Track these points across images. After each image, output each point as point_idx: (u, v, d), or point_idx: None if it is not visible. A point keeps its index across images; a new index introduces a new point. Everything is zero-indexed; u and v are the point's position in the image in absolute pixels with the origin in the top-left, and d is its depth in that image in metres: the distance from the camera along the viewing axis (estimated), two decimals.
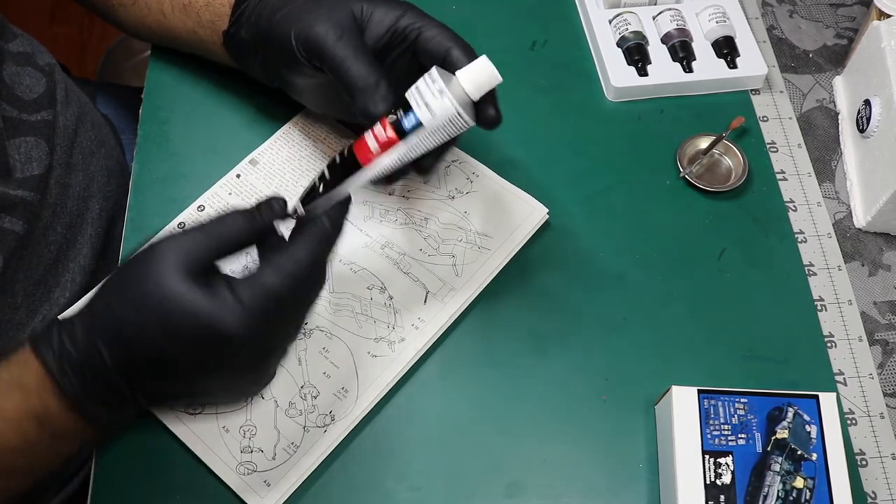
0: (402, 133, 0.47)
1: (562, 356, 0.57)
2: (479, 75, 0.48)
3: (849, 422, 0.55)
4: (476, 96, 0.48)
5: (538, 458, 0.53)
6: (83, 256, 0.63)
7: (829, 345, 0.58)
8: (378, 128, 0.47)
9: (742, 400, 0.49)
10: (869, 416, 0.55)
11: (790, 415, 0.48)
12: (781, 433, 0.48)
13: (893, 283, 0.61)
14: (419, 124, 0.47)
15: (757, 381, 0.56)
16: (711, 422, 0.48)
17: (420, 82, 0.47)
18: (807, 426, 0.48)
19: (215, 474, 0.51)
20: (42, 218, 0.60)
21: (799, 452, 0.47)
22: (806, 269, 0.61)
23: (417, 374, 0.56)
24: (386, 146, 0.47)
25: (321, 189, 0.49)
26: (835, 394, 0.49)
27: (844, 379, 0.57)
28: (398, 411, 0.55)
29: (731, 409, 0.49)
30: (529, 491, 0.52)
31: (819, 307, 0.59)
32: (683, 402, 0.49)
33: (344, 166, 0.48)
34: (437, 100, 0.46)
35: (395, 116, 0.47)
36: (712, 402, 0.49)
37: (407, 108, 0.47)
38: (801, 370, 0.57)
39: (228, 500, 0.51)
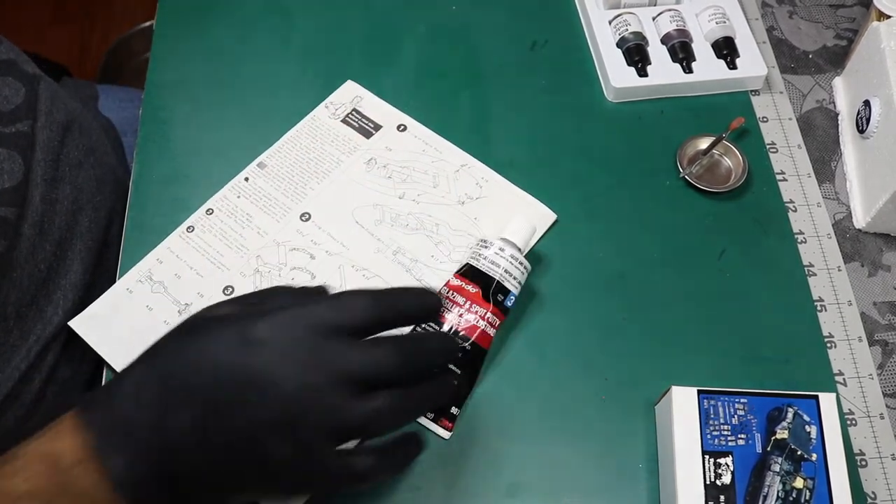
0: (506, 311, 0.55)
1: (562, 356, 0.57)
2: (520, 231, 0.57)
3: (849, 422, 0.55)
4: (524, 245, 0.57)
5: (538, 458, 0.53)
6: (73, 273, 0.61)
7: (828, 345, 0.58)
8: (490, 316, 0.54)
9: (742, 400, 0.49)
10: (869, 416, 0.55)
11: (790, 415, 0.48)
12: (781, 433, 0.48)
13: (893, 284, 0.61)
14: (514, 295, 0.56)
15: (757, 382, 0.56)
16: (711, 422, 0.48)
17: (493, 256, 0.55)
18: (806, 426, 0.48)
19: None
20: (27, 237, 0.58)
21: (799, 453, 0.47)
22: (806, 269, 0.61)
23: None
24: (498, 326, 0.55)
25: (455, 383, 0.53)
26: (834, 394, 0.49)
27: (844, 379, 0.57)
28: None
29: (731, 410, 0.49)
30: (529, 491, 0.52)
31: (819, 308, 0.59)
32: (683, 403, 0.49)
33: (472, 355, 0.54)
34: (519, 271, 0.56)
35: (497, 299, 0.55)
36: (712, 402, 0.49)
37: (500, 289, 0.55)
38: (801, 370, 0.57)
39: None
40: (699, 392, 0.49)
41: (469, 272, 0.55)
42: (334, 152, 0.64)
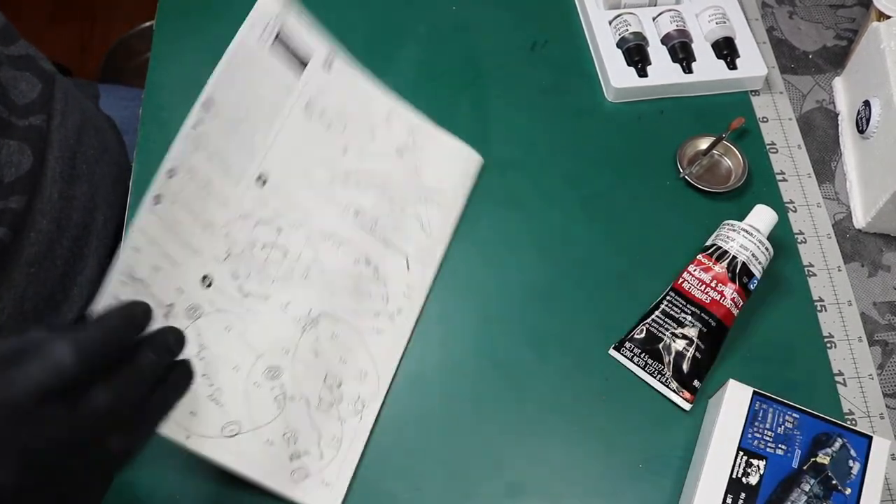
0: (749, 293, 0.57)
1: (562, 356, 0.57)
2: (765, 217, 0.59)
3: (849, 422, 0.55)
4: (767, 233, 0.59)
5: (538, 458, 0.53)
6: (90, 269, 0.62)
7: (828, 345, 0.58)
8: (735, 296, 0.56)
9: (794, 414, 0.49)
10: (869, 416, 0.55)
11: (837, 444, 0.48)
12: (823, 458, 0.48)
13: (893, 284, 0.61)
14: (757, 279, 0.57)
15: (756, 382, 0.55)
16: (757, 424, 0.49)
17: (745, 242, 0.57)
18: (850, 461, 0.48)
19: (265, 490, 0.50)
20: (45, 232, 0.59)
21: (833, 482, 0.47)
22: (806, 269, 0.61)
23: (418, 375, 0.56)
24: (741, 307, 0.57)
25: (698, 357, 0.55)
26: (890, 442, 0.49)
27: (844, 379, 0.57)
28: (398, 411, 0.55)
29: (780, 419, 0.49)
30: (530, 491, 0.52)
31: (819, 308, 0.59)
32: (735, 397, 0.50)
33: (716, 331, 0.56)
34: (765, 256, 0.58)
35: (742, 280, 0.56)
36: (764, 406, 0.49)
37: (746, 271, 0.57)
38: (801, 370, 0.57)
39: None
40: (754, 392, 0.50)
41: (717, 252, 0.57)
42: (269, 95, 0.59)
